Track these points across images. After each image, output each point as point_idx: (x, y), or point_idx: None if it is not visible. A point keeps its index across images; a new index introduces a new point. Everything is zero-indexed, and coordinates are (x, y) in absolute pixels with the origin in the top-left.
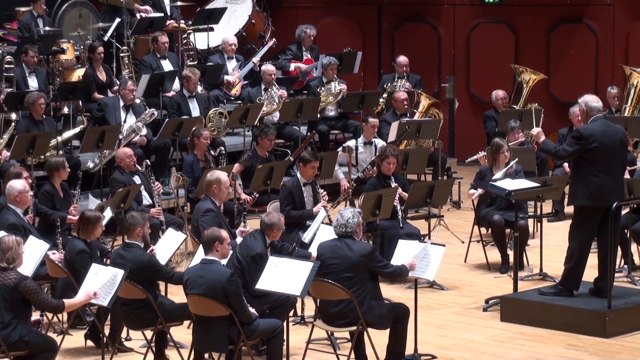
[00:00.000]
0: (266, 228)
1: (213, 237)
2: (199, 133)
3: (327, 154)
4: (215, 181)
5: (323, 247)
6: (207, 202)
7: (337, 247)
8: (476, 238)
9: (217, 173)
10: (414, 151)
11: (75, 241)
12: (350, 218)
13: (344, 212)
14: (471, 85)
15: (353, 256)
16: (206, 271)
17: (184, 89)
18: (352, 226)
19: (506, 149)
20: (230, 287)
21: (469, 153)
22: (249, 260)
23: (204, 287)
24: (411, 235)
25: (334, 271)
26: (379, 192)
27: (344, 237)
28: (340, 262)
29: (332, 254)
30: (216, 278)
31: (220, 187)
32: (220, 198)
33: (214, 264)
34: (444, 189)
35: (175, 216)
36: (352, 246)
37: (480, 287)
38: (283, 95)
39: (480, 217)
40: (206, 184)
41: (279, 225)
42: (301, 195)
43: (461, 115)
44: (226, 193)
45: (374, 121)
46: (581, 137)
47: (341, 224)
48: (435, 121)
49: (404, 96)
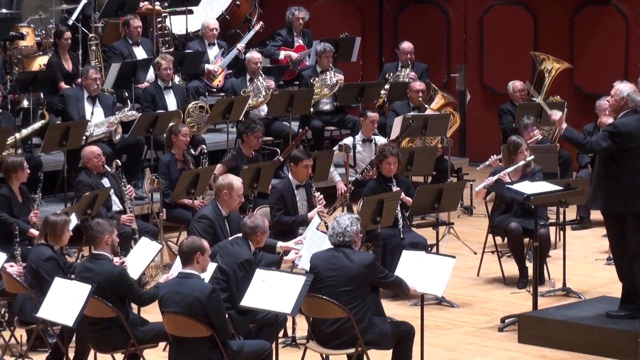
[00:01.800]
0: (250, 232)
1: (194, 247)
2: (177, 129)
3: (321, 153)
4: (227, 186)
5: (317, 258)
6: (208, 208)
7: (334, 257)
8: (490, 248)
9: (230, 177)
10: (420, 150)
11: (41, 248)
12: (348, 226)
13: (340, 219)
14: (485, 76)
15: (353, 267)
16: (184, 286)
17: (159, 79)
18: (350, 235)
19: (525, 148)
20: (211, 305)
21: (482, 152)
22: (235, 269)
23: (182, 304)
24: (417, 245)
25: (331, 285)
26: (380, 197)
27: (342, 246)
28: (338, 274)
29: (329, 266)
30: (194, 294)
31: (232, 194)
32: (229, 206)
33: (193, 278)
34: (454, 192)
35: (150, 224)
36: (352, 256)
37: (496, 304)
38: (271, 86)
39: (495, 224)
40: (216, 189)
41: (263, 228)
42: (293, 199)
43: (473, 109)
44: (237, 201)
45: (374, 116)
46: (618, 134)
47: (338, 233)
48: (443, 116)
49: (421, 87)
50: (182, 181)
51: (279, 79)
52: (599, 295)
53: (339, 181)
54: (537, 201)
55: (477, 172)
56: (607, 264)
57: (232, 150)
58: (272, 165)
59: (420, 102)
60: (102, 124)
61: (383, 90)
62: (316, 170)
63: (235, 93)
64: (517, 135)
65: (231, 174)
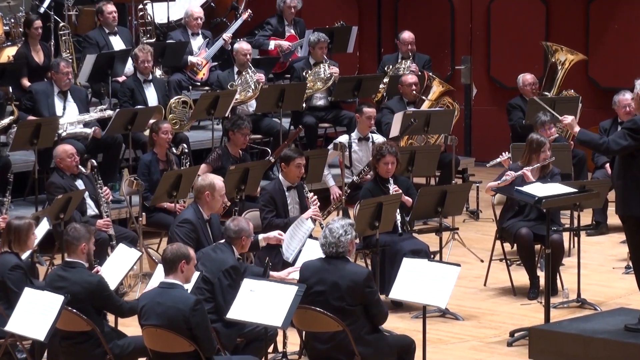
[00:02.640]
0: (234, 236)
1: (179, 254)
2: (158, 127)
3: (314, 153)
4: (209, 187)
5: (307, 268)
6: (189, 211)
7: (325, 270)
8: (498, 256)
9: (211, 177)
10: (422, 149)
11: (6, 256)
12: (342, 235)
13: (333, 226)
14: (492, 68)
15: (346, 282)
16: (165, 297)
17: (138, 72)
18: (344, 245)
19: (548, 148)
20: (195, 318)
21: (489, 151)
22: (220, 277)
23: (163, 316)
24: (418, 253)
25: (320, 301)
26: (379, 199)
27: (334, 257)
28: (329, 289)
29: (318, 279)
30: (177, 306)
31: (214, 195)
32: (212, 208)
33: (176, 288)
34: (459, 195)
35: (128, 229)
36: (345, 269)
37: (504, 316)
38: (260, 79)
39: (503, 229)
40: (197, 190)
41: (248, 231)
42: (284, 202)
43: (480, 104)
44: (220, 203)
45: (370, 111)
46: (638, 130)
47: (331, 243)
48: (448, 112)
49: (413, 80)
50: (163, 183)
51: (268, 72)
52: (617, 307)
53: (333, 186)
54: (549, 204)
55: (484, 173)
56: (625, 272)
57: (217, 149)
58: (261, 166)
59: (415, 95)
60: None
61: (382, 84)
62: (309, 170)
63: (221, 87)
64: (539, 134)
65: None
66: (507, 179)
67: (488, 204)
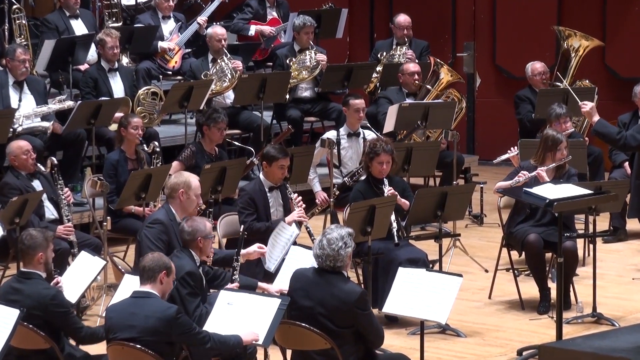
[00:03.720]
0: (188, 238)
1: (160, 264)
2: (127, 121)
3: (299, 150)
4: (183, 185)
5: (297, 279)
6: (160, 212)
7: (314, 284)
8: (505, 265)
9: (186, 175)
10: (420, 146)
11: None
12: (341, 248)
13: (331, 236)
14: (498, 55)
15: (335, 302)
16: (141, 307)
17: (103, 60)
18: (342, 259)
19: (565, 146)
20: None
21: (494, 148)
22: (178, 286)
23: (140, 329)
24: (415, 262)
25: (307, 317)
26: (371, 202)
27: (329, 272)
28: (315, 305)
29: (306, 293)
30: (157, 316)
31: (189, 195)
32: (186, 210)
33: (153, 298)
34: (461, 197)
35: (91, 235)
36: (337, 287)
37: (511, 332)
38: (239, 68)
39: (510, 236)
40: (170, 189)
41: (204, 231)
42: (266, 204)
43: (484, 96)
44: (195, 204)
45: (357, 103)
46: None
47: (328, 255)
48: (448, 104)
49: (416, 69)
50: (130, 184)
51: (248, 60)
52: (637, 322)
53: (319, 191)
54: (561, 207)
55: (489, 172)
56: None
57: (190, 145)
58: (239, 165)
59: (417, 87)
60: (34, 114)
61: (375, 74)
62: (293, 170)
63: (194, 77)
64: (555, 130)
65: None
66: (519, 180)
67: (493, 207)
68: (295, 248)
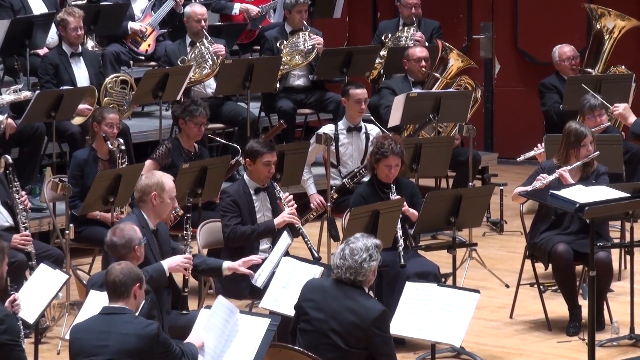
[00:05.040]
0: (124, 251)
1: (132, 276)
2: (102, 116)
3: (292, 147)
4: (156, 187)
5: (310, 287)
6: (131, 218)
7: (330, 294)
8: (529, 279)
9: (159, 175)
10: (431, 142)
11: None
12: (365, 260)
13: (355, 245)
14: (520, 38)
15: (351, 316)
16: (116, 325)
17: (64, 43)
18: (365, 273)
19: (590, 141)
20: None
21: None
22: None
23: (114, 349)
24: (425, 276)
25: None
26: (374, 207)
27: (350, 285)
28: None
29: (318, 302)
30: (137, 333)
31: (163, 197)
32: (159, 215)
33: (127, 314)
34: (478, 201)
35: (52, 245)
36: (356, 301)
37: (536, 357)
38: (221, 52)
39: (535, 246)
40: (141, 191)
41: (138, 237)
42: (251, 208)
43: (504, 84)
44: (170, 208)
45: (359, 93)
46: None
47: (349, 267)
48: (463, 94)
49: (423, 54)
50: (96, 186)
51: (232, 43)
52: None
53: (314, 194)
54: (593, 213)
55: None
56: None
57: (166, 142)
58: (222, 164)
59: (425, 74)
60: None
61: (378, 59)
62: (284, 170)
63: (170, 62)
64: (578, 122)
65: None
66: (537, 185)
67: (515, 213)
68: (287, 260)
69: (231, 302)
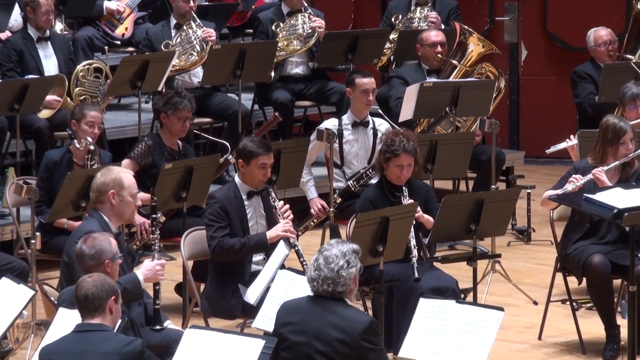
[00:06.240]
0: (92, 263)
1: (106, 289)
2: (81, 113)
3: (289, 144)
4: (114, 184)
5: (286, 310)
6: (91, 223)
7: (309, 313)
8: (560, 295)
9: (116, 171)
10: (448, 139)
11: None
12: (342, 268)
13: (330, 252)
14: (550, 20)
15: (336, 333)
16: (94, 343)
17: (30, 26)
18: (345, 283)
19: (631, 138)
20: None
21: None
22: None
23: None
24: (442, 291)
25: (299, 356)
26: (384, 213)
27: (329, 298)
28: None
29: (299, 326)
30: (121, 352)
31: (122, 196)
32: (121, 216)
33: (105, 331)
34: (502, 206)
35: (15, 257)
36: (339, 315)
37: None
38: (211, 38)
39: (567, 257)
40: (97, 190)
41: (110, 251)
42: (242, 215)
43: (532, 73)
44: (132, 206)
45: (366, 83)
46: None
47: (325, 278)
48: (484, 83)
49: (438, 38)
50: (66, 189)
51: (221, 25)
52: None
53: (315, 199)
54: (634, 220)
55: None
56: None
57: (145, 138)
58: (210, 164)
59: (440, 61)
60: None
61: (388, 44)
62: (281, 171)
63: (152, 48)
64: (616, 116)
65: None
66: (569, 189)
67: (545, 220)
68: (283, 273)
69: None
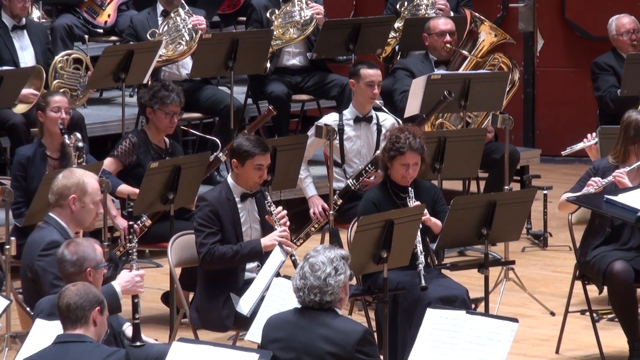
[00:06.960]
0: (73, 270)
1: (90, 298)
2: (46, 101)
3: (285, 141)
4: (76, 188)
5: (272, 325)
6: (49, 231)
7: (297, 327)
8: (579, 305)
9: (79, 175)
10: (458, 135)
11: None
12: (329, 275)
13: (316, 259)
14: (568, 7)
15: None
16: (77, 355)
17: (4, 14)
18: (333, 291)
19: None
20: None
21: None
22: None
23: None
24: (451, 301)
25: None
26: (388, 216)
27: (317, 309)
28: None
29: (286, 343)
30: None
31: (84, 202)
32: (80, 223)
33: (88, 342)
34: (516, 209)
35: None
36: (329, 326)
37: None
38: (200, 26)
39: (587, 264)
40: (57, 194)
41: (94, 258)
42: (236, 219)
43: (549, 64)
44: (94, 215)
45: (371, 74)
46: None
47: (312, 287)
48: (497, 75)
49: (447, 26)
50: (43, 189)
51: (212, 14)
52: None
53: (314, 196)
54: None
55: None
56: None
57: (130, 135)
58: (200, 162)
59: (449, 52)
60: None
61: (392, 32)
62: (277, 170)
63: (137, 37)
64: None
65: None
66: (589, 190)
67: (563, 224)
68: (279, 281)
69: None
